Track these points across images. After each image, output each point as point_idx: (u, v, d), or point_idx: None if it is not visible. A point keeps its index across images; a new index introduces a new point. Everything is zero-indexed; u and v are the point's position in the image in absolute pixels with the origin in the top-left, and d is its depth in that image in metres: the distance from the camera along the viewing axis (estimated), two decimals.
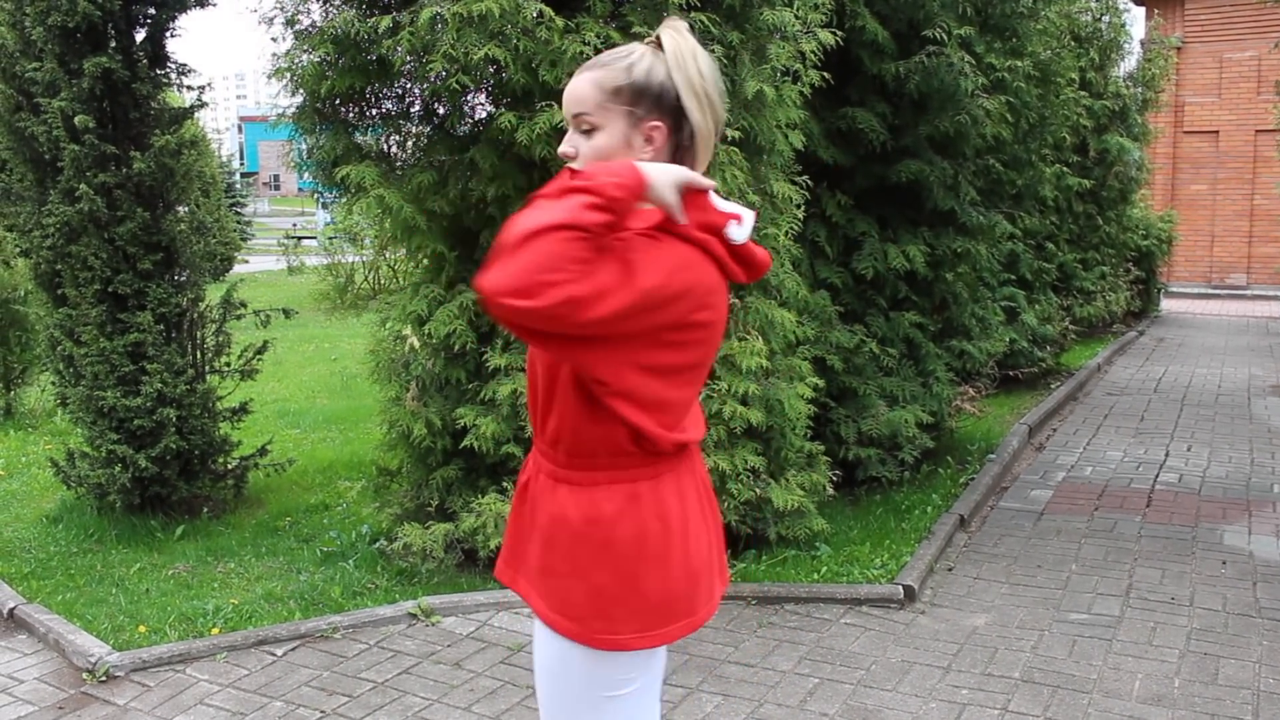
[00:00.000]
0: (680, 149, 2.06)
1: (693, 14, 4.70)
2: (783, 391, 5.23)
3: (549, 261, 1.74)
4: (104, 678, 4.24)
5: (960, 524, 6.05)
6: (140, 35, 5.82)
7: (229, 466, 6.27)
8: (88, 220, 5.59)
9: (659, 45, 2.08)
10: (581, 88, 2.04)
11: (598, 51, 4.53)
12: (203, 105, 6.18)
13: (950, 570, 5.47)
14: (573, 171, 1.93)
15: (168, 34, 5.90)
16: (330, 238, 18.90)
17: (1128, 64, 13.61)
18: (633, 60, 2.05)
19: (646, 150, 2.04)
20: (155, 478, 5.82)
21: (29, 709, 4.03)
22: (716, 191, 2.05)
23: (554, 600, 2.05)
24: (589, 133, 2.04)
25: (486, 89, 5.05)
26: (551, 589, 2.06)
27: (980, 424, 8.40)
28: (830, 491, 5.75)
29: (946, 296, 7.13)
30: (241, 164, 76.52)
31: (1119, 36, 12.60)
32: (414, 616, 4.79)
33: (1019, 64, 6.99)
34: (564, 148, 2.06)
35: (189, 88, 6.05)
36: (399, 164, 5.33)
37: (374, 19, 4.71)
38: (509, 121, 4.63)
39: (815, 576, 5.24)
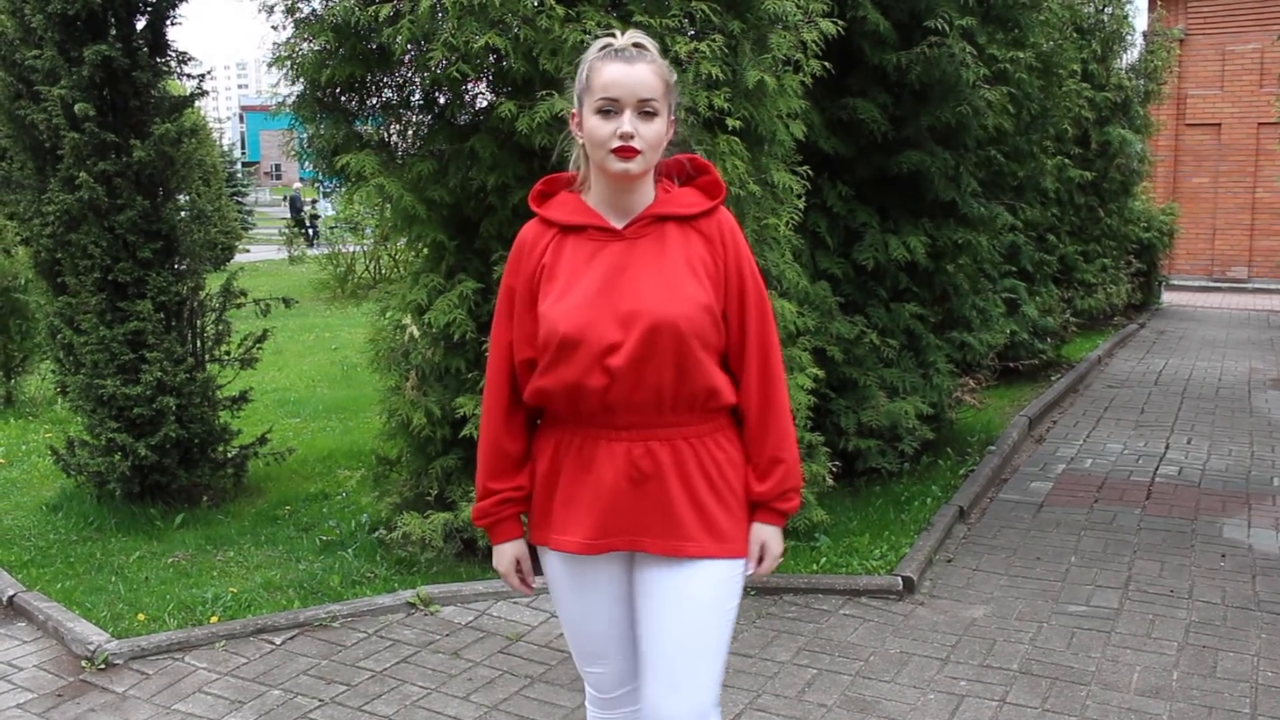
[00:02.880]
0: None
1: (694, 3, 4.69)
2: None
3: None
4: (103, 665, 4.24)
5: (960, 515, 6.05)
6: (140, 23, 5.80)
7: (228, 455, 6.26)
8: (87, 208, 5.58)
9: (640, 46, 2.32)
10: (648, 77, 2.26)
11: None
12: (203, 93, 6.17)
13: (949, 562, 5.47)
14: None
15: (168, 22, 5.89)
16: (331, 227, 18.88)
17: (1130, 56, 13.59)
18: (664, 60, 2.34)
19: (668, 138, 2.34)
20: (155, 466, 5.83)
21: (28, 696, 4.03)
22: None
23: (734, 529, 2.40)
24: (649, 117, 2.26)
25: (487, 78, 5.04)
26: (727, 525, 2.39)
27: (980, 416, 8.40)
28: (830, 482, 5.74)
29: (947, 288, 7.12)
30: (243, 153, 76.43)
31: (1121, 28, 12.58)
32: (412, 606, 4.79)
33: (1021, 55, 6.97)
34: (625, 128, 2.24)
35: (189, 76, 6.04)
36: (399, 153, 5.31)
37: (374, 7, 4.69)
38: (509, 110, 4.62)
39: (814, 567, 5.24)
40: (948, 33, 6.03)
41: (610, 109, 2.25)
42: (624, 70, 2.25)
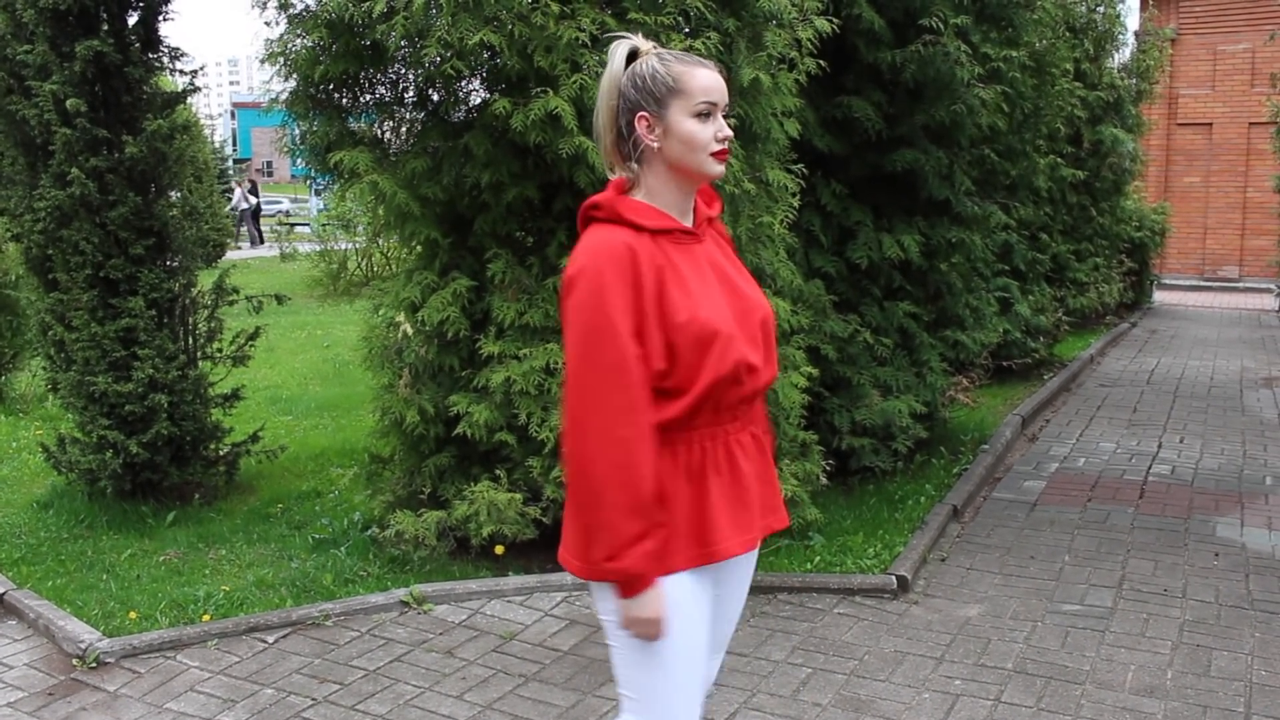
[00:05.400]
0: None
1: (689, 0, 4.67)
2: (776, 380, 5.22)
3: None
4: (94, 664, 4.22)
5: (953, 514, 6.05)
6: (133, 19, 5.78)
7: (220, 453, 6.24)
8: (79, 204, 5.55)
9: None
10: (724, 83, 2.35)
11: (593, 38, 4.52)
12: (195, 90, 6.14)
13: (943, 560, 5.46)
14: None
15: (160, 17, 5.86)
16: (323, 224, 18.84)
17: (1122, 55, 13.61)
18: None
19: None
20: (146, 464, 5.80)
21: (18, 695, 4.01)
22: None
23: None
24: (725, 121, 2.35)
25: (481, 75, 5.03)
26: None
27: (974, 414, 8.40)
28: (824, 481, 5.74)
29: (941, 286, 7.12)
30: (234, 150, 76.19)
31: (1114, 28, 12.59)
32: (406, 604, 4.78)
33: (1014, 54, 6.97)
34: (726, 130, 2.34)
35: (182, 72, 6.01)
36: (392, 150, 5.30)
37: (368, 3, 4.67)
38: (503, 107, 4.61)
39: (808, 566, 5.23)
40: (942, 31, 6.02)
41: (710, 113, 2.30)
42: (714, 76, 2.31)
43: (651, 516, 2.22)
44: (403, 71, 5.20)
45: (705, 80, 2.29)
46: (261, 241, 30.68)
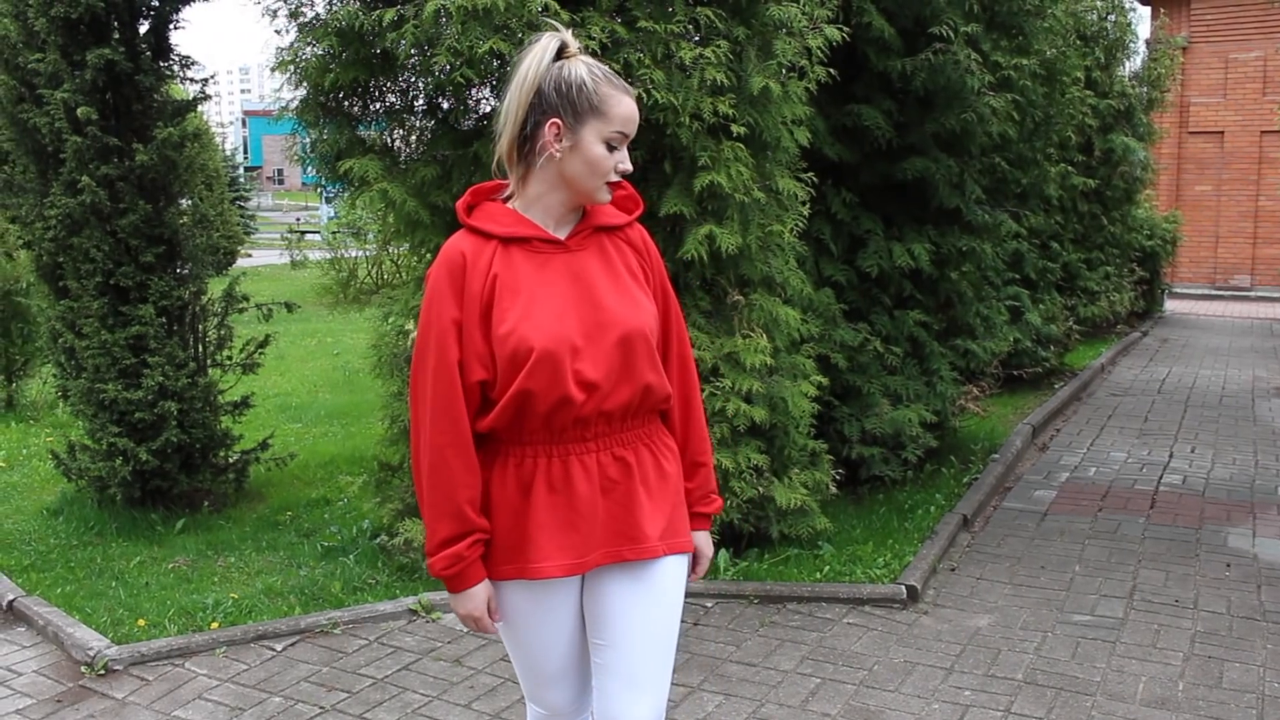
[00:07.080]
0: None
1: (699, 9, 4.68)
2: (786, 389, 5.21)
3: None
4: (102, 671, 4.22)
5: (963, 524, 6.02)
6: (144, 27, 5.81)
7: (230, 460, 6.25)
8: (90, 212, 5.57)
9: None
10: (637, 115, 2.30)
11: (603, 46, 4.52)
12: (206, 98, 6.17)
13: (953, 570, 5.44)
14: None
15: (171, 26, 5.89)
16: (333, 232, 18.89)
17: (1133, 63, 13.59)
18: None
19: None
20: (156, 471, 5.81)
21: (27, 701, 4.01)
22: None
23: (682, 524, 2.41)
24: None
25: (491, 83, 5.02)
26: (677, 520, 2.40)
27: (984, 423, 8.38)
28: (833, 490, 5.72)
29: (951, 295, 7.10)
30: (245, 158, 76.50)
31: (1125, 36, 12.57)
32: (414, 612, 4.77)
33: (1025, 62, 6.96)
34: (628, 165, 2.30)
35: (192, 80, 6.04)
36: (402, 158, 5.30)
37: (378, 11, 4.68)
38: None
39: (818, 576, 5.21)
40: (953, 39, 6.01)
41: (619, 144, 2.28)
42: (634, 107, 2.28)
43: (465, 522, 2.24)
44: (413, 80, 5.20)
45: (627, 110, 2.26)
46: None
